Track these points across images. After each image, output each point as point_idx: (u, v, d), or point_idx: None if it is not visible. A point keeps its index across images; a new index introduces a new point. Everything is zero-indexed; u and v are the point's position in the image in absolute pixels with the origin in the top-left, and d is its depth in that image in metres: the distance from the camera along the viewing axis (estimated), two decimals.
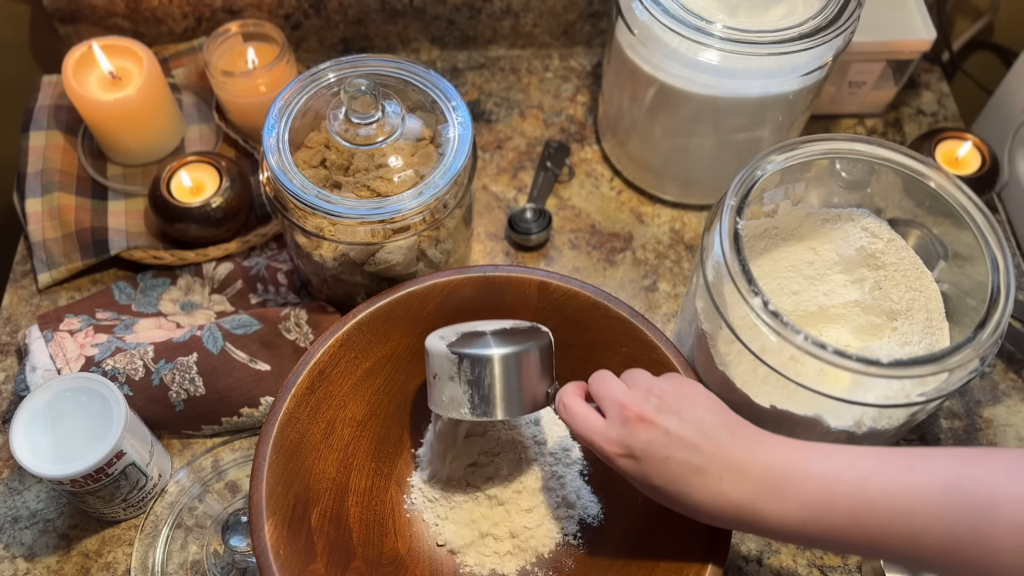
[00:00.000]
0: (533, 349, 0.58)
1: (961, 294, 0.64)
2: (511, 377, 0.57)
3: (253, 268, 0.79)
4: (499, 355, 0.57)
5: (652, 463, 0.50)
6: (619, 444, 0.51)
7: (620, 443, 0.51)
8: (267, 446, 0.58)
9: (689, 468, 0.49)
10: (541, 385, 0.59)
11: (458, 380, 0.57)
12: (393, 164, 0.67)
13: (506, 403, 0.57)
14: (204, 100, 0.89)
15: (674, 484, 0.50)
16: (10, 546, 0.67)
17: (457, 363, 0.57)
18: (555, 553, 0.64)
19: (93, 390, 0.62)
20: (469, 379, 0.57)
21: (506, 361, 0.57)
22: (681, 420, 0.50)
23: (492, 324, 0.62)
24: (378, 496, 0.65)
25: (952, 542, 0.44)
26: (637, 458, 0.50)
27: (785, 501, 0.47)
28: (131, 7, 0.89)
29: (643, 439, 0.50)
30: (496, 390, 0.57)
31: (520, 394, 0.58)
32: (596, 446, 0.52)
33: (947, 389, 0.56)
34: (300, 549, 0.57)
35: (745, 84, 0.73)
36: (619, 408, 0.51)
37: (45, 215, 0.79)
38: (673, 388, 0.52)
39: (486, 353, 0.57)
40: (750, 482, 0.48)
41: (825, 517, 0.46)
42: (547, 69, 0.97)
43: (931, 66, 0.99)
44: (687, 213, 0.87)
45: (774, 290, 0.68)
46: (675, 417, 0.50)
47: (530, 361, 0.58)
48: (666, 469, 0.50)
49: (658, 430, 0.50)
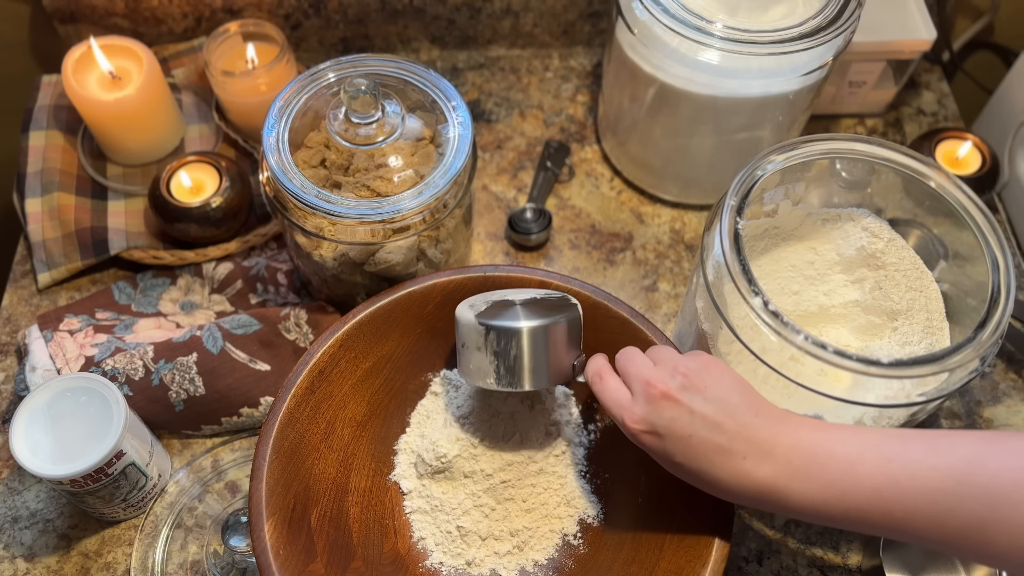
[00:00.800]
0: (561, 322, 0.58)
1: (961, 294, 0.64)
2: (538, 350, 0.57)
3: (253, 268, 0.79)
4: (527, 328, 0.57)
5: (675, 441, 0.50)
6: (644, 421, 0.51)
7: (644, 420, 0.51)
8: (267, 446, 0.58)
9: (712, 447, 0.49)
10: (568, 358, 0.59)
11: (485, 351, 0.58)
12: (393, 164, 0.67)
13: (532, 375, 0.58)
14: (204, 100, 0.89)
15: (697, 462, 0.50)
16: (10, 546, 0.67)
17: (484, 334, 0.57)
18: (555, 553, 0.64)
19: (93, 390, 0.62)
20: (495, 350, 0.57)
21: (534, 334, 0.57)
22: (706, 399, 0.50)
23: (523, 293, 0.62)
24: (378, 496, 0.65)
25: (974, 523, 0.43)
26: (660, 435, 0.51)
27: (808, 481, 0.48)
28: (131, 7, 0.89)
29: (667, 416, 0.50)
30: (523, 362, 0.57)
31: (547, 367, 0.58)
32: (621, 421, 0.53)
33: (947, 389, 0.56)
34: (300, 549, 0.57)
35: (745, 84, 0.73)
36: (644, 385, 0.52)
37: (45, 215, 0.79)
38: (699, 366, 0.52)
39: (514, 325, 0.57)
40: (773, 462, 0.48)
41: (848, 497, 0.47)
42: (547, 69, 0.97)
43: (931, 66, 0.99)
44: (687, 213, 0.87)
45: (774, 290, 0.68)
46: (700, 396, 0.50)
47: (558, 334, 0.58)
48: (689, 447, 0.50)
49: (682, 408, 0.50)
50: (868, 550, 0.67)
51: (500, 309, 0.59)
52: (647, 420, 0.51)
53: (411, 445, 0.67)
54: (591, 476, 0.67)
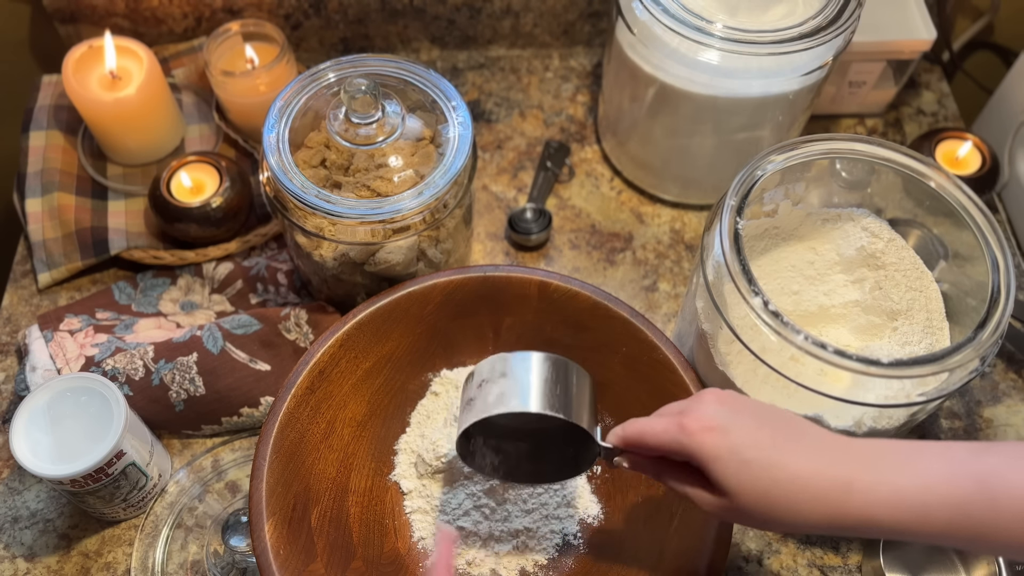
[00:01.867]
0: (584, 377, 0.56)
1: (961, 294, 0.64)
2: (564, 380, 0.54)
3: (253, 268, 0.79)
4: (546, 355, 0.55)
5: (745, 433, 0.46)
6: (707, 417, 0.47)
7: (708, 416, 0.47)
8: (267, 446, 0.58)
9: (784, 435, 0.46)
10: (590, 413, 0.55)
11: (510, 376, 0.54)
12: (393, 164, 0.67)
13: (564, 402, 0.53)
14: (204, 100, 0.89)
15: (767, 451, 0.45)
16: (10, 546, 0.67)
17: (507, 360, 0.55)
18: (555, 554, 0.64)
19: (93, 390, 0.62)
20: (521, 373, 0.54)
21: (557, 364, 0.55)
22: (754, 412, 0.47)
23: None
24: (378, 496, 0.65)
25: None
26: (727, 430, 0.46)
27: (898, 469, 0.44)
28: (131, 7, 0.88)
29: (729, 411, 0.47)
30: (557, 387, 0.54)
31: (574, 400, 0.54)
32: (678, 426, 0.47)
33: (947, 389, 0.56)
34: (300, 549, 0.57)
35: (745, 84, 0.73)
36: (679, 417, 0.48)
37: (45, 215, 0.79)
38: (722, 392, 0.49)
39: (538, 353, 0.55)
40: (853, 455, 0.45)
41: (945, 486, 0.43)
42: (547, 69, 0.97)
43: (931, 66, 0.99)
44: (687, 213, 0.87)
45: (774, 290, 0.68)
46: (746, 413, 0.47)
47: (584, 382, 0.55)
48: (759, 440, 0.46)
49: (744, 413, 0.47)
50: (868, 550, 0.67)
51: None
52: (710, 415, 0.47)
53: (411, 445, 0.67)
54: (591, 476, 0.67)
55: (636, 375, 0.65)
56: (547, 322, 0.68)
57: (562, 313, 0.67)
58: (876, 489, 0.44)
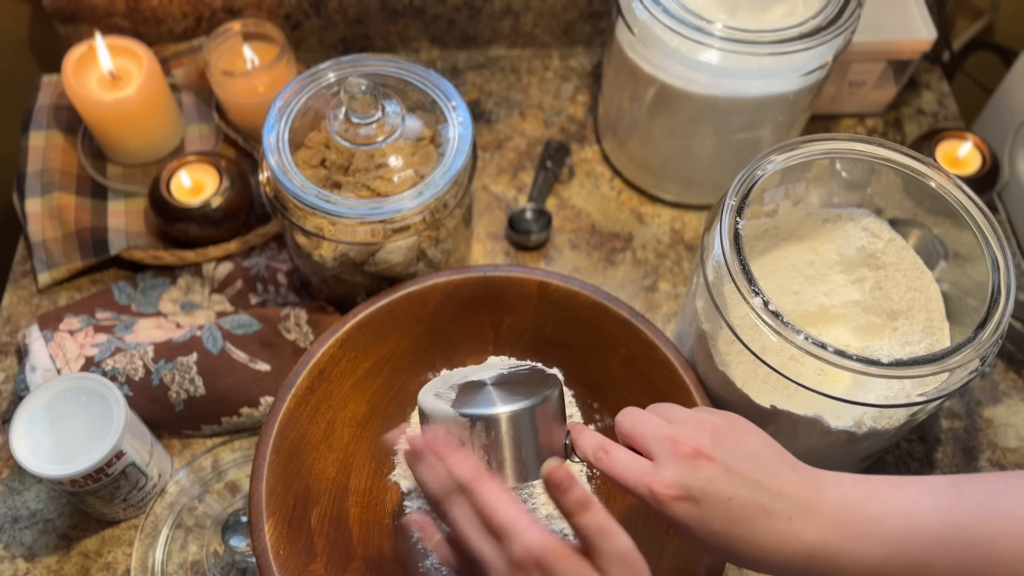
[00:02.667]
0: (549, 400, 0.51)
1: (961, 294, 0.64)
2: (527, 436, 0.50)
3: (253, 268, 0.79)
4: (510, 413, 0.50)
5: (713, 504, 0.44)
6: (676, 485, 0.44)
7: (677, 484, 0.44)
8: (267, 446, 0.58)
9: (755, 508, 0.44)
10: (559, 436, 0.52)
11: (472, 445, 0.50)
12: (393, 164, 0.67)
13: (524, 464, 0.50)
14: (204, 100, 0.89)
15: (738, 528, 0.44)
16: (10, 546, 0.67)
17: (469, 427, 0.50)
18: None
19: (93, 390, 0.62)
20: (484, 443, 0.50)
21: (519, 419, 0.50)
22: (739, 456, 0.45)
23: (487, 371, 0.55)
24: (378, 496, 0.65)
25: None
26: (696, 500, 0.44)
27: (864, 537, 0.43)
28: (131, 7, 0.88)
29: (703, 477, 0.44)
30: (516, 451, 0.50)
31: (538, 451, 0.50)
32: (648, 490, 0.45)
33: (947, 389, 0.56)
34: (300, 549, 0.57)
35: (745, 84, 0.73)
36: (670, 444, 0.46)
37: (45, 215, 0.79)
38: (724, 421, 0.48)
39: (496, 412, 0.49)
40: (823, 520, 0.44)
41: (909, 550, 0.43)
42: (547, 69, 0.97)
43: (931, 66, 0.99)
44: (687, 213, 0.87)
45: (774, 290, 0.68)
46: (733, 452, 0.45)
47: (548, 413, 0.51)
48: (729, 511, 0.44)
49: (718, 466, 0.45)
50: None
51: (472, 392, 0.52)
52: (680, 483, 0.44)
53: None
54: (591, 477, 0.67)
55: (636, 375, 0.65)
56: (547, 322, 0.68)
57: (562, 313, 0.67)
58: (840, 557, 0.44)
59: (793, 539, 0.44)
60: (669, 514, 0.45)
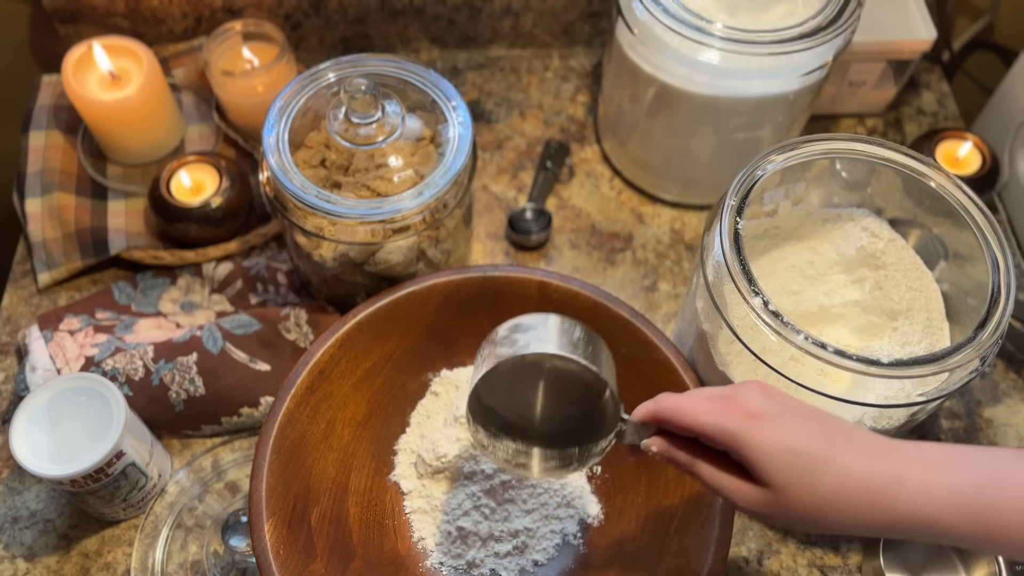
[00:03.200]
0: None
1: (961, 294, 0.64)
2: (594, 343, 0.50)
3: (253, 268, 0.79)
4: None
5: (792, 422, 0.44)
6: (757, 410, 0.45)
7: (759, 407, 0.45)
8: (267, 446, 0.58)
9: (833, 430, 0.44)
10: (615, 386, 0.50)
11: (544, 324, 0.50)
12: (393, 164, 0.67)
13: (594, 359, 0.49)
14: (204, 100, 0.89)
15: (818, 444, 0.43)
16: (10, 546, 0.67)
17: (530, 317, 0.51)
18: (555, 554, 0.64)
19: (93, 390, 0.62)
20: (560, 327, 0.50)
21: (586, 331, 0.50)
22: (799, 407, 0.46)
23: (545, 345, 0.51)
24: (378, 496, 0.65)
25: None
26: (775, 418, 0.44)
27: (956, 469, 0.43)
28: (131, 7, 0.88)
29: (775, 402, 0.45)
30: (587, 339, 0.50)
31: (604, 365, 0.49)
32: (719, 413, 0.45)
33: (947, 389, 0.56)
34: (300, 549, 0.57)
35: (745, 84, 0.73)
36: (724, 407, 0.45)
37: (45, 215, 0.79)
38: (747, 384, 0.47)
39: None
40: (904, 454, 0.44)
41: (997, 485, 0.42)
42: (547, 69, 0.97)
43: (931, 66, 0.99)
44: (687, 213, 0.87)
45: (774, 290, 0.68)
46: (792, 405, 0.46)
47: (610, 359, 0.51)
48: (809, 429, 0.44)
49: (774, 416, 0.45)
50: (868, 550, 0.67)
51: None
52: (760, 408, 0.44)
53: (411, 445, 0.67)
54: (591, 476, 0.67)
55: (636, 375, 0.65)
56: None
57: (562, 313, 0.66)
58: (931, 487, 0.42)
59: (880, 465, 0.43)
60: (744, 432, 0.44)
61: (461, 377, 0.69)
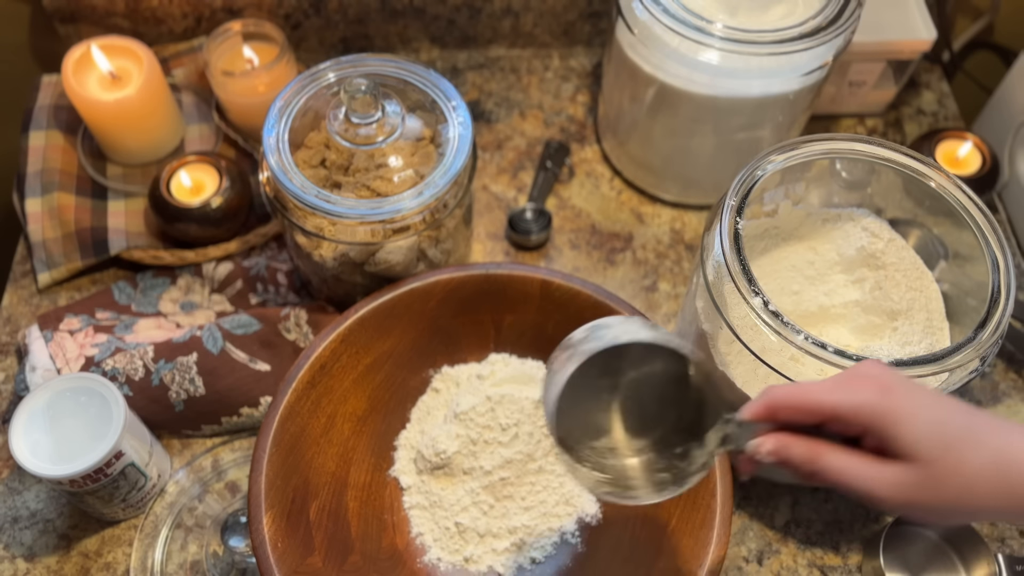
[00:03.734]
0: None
1: (961, 294, 0.64)
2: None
3: (253, 268, 0.79)
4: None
5: (926, 390, 0.42)
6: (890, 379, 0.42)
7: (891, 376, 0.42)
8: (267, 439, 0.59)
9: (964, 404, 0.42)
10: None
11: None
12: (393, 164, 0.67)
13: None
14: (204, 100, 0.89)
15: (959, 412, 0.41)
16: (10, 546, 0.67)
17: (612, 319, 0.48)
18: (553, 551, 0.64)
19: (93, 390, 0.62)
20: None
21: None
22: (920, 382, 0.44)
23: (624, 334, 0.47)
24: (377, 491, 0.65)
25: None
26: (910, 386, 0.42)
27: None
28: (131, 7, 0.89)
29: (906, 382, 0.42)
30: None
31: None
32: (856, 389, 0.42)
33: (947, 389, 0.56)
34: (298, 542, 0.57)
35: (745, 84, 0.73)
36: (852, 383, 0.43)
37: (45, 215, 0.79)
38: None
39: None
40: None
41: None
42: (547, 69, 0.97)
43: (931, 66, 0.99)
44: (687, 213, 0.87)
45: (774, 290, 0.68)
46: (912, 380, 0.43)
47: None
48: (944, 398, 0.41)
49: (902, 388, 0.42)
50: (868, 550, 0.67)
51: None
52: (892, 381, 0.42)
53: (411, 441, 0.67)
54: None
55: None
56: (549, 321, 0.68)
57: (564, 312, 0.67)
58: None
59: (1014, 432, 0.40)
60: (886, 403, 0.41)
61: (462, 374, 0.69)
